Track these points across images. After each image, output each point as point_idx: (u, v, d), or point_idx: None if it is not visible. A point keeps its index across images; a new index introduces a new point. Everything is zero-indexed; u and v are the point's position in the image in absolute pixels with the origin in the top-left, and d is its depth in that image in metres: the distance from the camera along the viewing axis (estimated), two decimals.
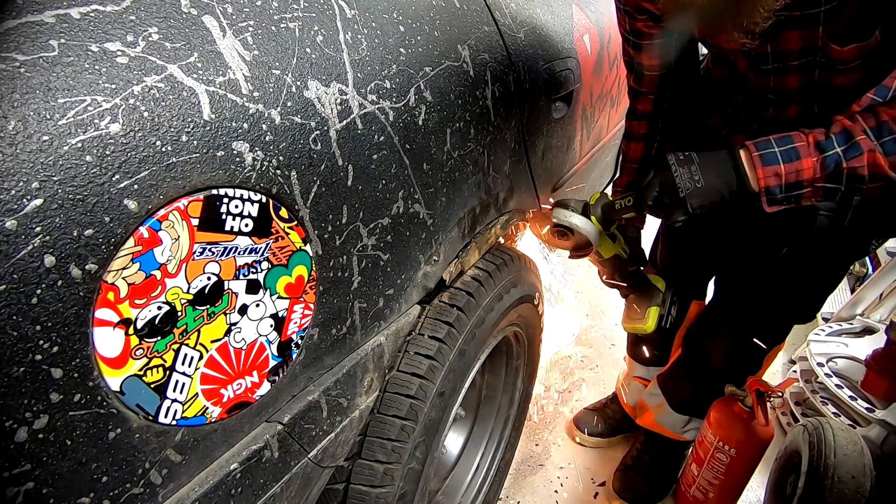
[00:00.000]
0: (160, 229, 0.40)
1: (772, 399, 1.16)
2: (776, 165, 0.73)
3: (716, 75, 0.98)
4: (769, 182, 0.73)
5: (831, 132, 0.71)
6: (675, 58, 0.96)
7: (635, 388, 1.45)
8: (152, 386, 0.42)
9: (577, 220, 0.95)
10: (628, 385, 1.47)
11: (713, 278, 1.28)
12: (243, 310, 0.48)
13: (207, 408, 0.47)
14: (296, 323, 0.54)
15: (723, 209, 0.78)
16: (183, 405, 0.45)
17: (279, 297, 0.51)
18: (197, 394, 0.46)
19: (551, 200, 1.01)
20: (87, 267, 0.36)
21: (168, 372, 0.43)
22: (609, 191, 1.05)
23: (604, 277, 1.10)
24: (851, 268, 2.23)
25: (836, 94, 0.77)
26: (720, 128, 1.00)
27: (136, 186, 0.38)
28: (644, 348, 1.44)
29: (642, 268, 1.11)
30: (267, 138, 0.47)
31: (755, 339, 1.13)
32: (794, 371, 1.69)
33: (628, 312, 1.12)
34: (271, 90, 0.48)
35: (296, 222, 0.51)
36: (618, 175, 1.16)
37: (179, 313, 0.43)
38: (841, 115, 0.73)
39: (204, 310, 0.45)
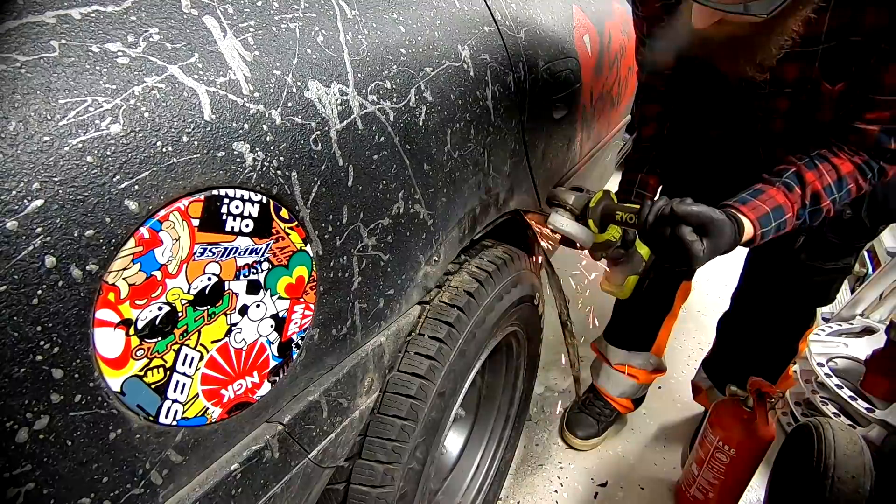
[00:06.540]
0: (161, 230, 0.40)
1: (772, 399, 1.16)
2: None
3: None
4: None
5: (806, 200, 0.82)
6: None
7: (617, 379, 1.47)
8: (153, 386, 0.42)
9: (571, 228, 0.94)
10: (608, 377, 1.49)
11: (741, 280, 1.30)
12: (244, 310, 0.48)
13: (208, 408, 0.47)
14: (296, 323, 0.54)
15: None
16: (183, 406, 0.45)
17: (280, 298, 0.51)
18: (197, 394, 0.46)
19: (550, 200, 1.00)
20: (87, 267, 0.36)
21: (168, 372, 0.43)
22: (613, 189, 1.03)
23: (590, 252, 1.07)
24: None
25: (818, 117, 0.86)
26: (719, 138, 1.06)
27: (136, 187, 0.38)
28: (627, 332, 1.46)
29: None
30: (267, 139, 0.47)
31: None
32: (795, 371, 1.69)
33: (607, 275, 1.09)
34: (272, 91, 0.48)
35: (296, 223, 0.51)
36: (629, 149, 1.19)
37: (180, 314, 0.43)
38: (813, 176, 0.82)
39: (204, 310, 0.45)
